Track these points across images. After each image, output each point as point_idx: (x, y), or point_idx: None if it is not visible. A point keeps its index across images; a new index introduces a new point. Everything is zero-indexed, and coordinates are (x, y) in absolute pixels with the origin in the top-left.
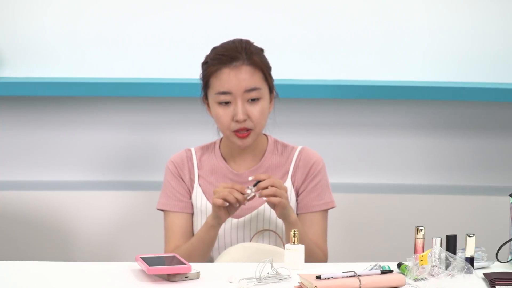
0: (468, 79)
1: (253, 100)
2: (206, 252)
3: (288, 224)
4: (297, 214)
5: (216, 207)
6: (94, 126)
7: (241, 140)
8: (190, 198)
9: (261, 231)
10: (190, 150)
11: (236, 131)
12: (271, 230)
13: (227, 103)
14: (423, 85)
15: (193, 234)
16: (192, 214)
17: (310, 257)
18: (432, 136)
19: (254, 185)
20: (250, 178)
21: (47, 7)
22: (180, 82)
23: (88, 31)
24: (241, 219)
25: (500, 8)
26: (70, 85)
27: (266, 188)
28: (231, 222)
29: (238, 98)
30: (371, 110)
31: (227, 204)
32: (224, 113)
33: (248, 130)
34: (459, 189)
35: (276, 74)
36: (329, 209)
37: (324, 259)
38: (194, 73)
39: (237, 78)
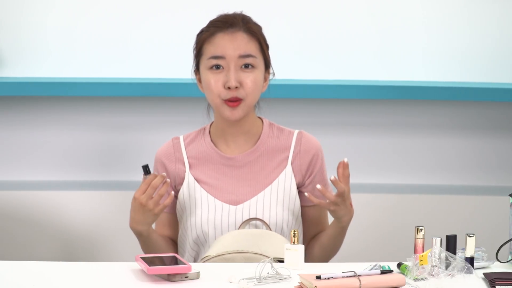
0: (468, 79)
1: (247, 67)
2: (159, 246)
3: (337, 226)
4: (304, 206)
5: (158, 212)
6: (95, 126)
7: (231, 110)
8: (177, 193)
9: (248, 220)
10: (177, 139)
11: (227, 100)
12: (258, 219)
13: (218, 67)
14: (423, 85)
15: (176, 227)
16: (175, 212)
17: (333, 252)
18: (431, 136)
19: None
20: (318, 187)
21: (47, 8)
22: (179, 82)
23: (88, 32)
24: (239, 205)
25: (500, 8)
26: (71, 85)
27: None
28: (228, 209)
29: (231, 64)
30: (371, 110)
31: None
32: (215, 79)
33: (238, 100)
34: (459, 189)
35: (276, 74)
36: None
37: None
38: (184, 73)
39: (232, 43)
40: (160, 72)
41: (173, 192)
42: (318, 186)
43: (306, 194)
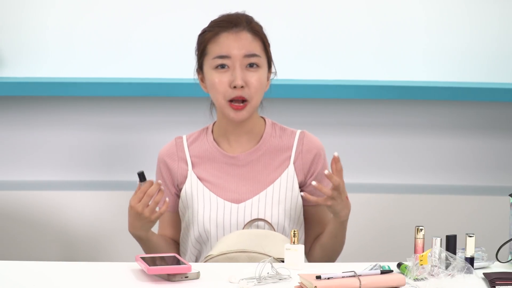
0: (468, 79)
1: (252, 66)
2: (161, 247)
3: (336, 221)
4: (306, 205)
5: (155, 219)
6: (95, 126)
7: (236, 112)
8: (179, 192)
9: (252, 221)
10: (180, 138)
11: (232, 102)
12: (263, 220)
13: (223, 66)
14: (423, 85)
15: (178, 227)
16: (178, 211)
17: (336, 252)
18: (432, 136)
19: None
20: (313, 183)
21: (47, 8)
22: (179, 82)
23: (88, 32)
24: (242, 204)
25: (500, 8)
26: (71, 85)
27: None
28: (230, 207)
29: (236, 63)
30: (371, 110)
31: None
32: (220, 78)
33: (244, 101)
34: (459, 189)
35: (277, 74)
36: None
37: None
38: (184, 73)
39: (237, 42)
40: (160, 72)
41: (167, 198)
42: (314, 183)
43: (302, 193)
